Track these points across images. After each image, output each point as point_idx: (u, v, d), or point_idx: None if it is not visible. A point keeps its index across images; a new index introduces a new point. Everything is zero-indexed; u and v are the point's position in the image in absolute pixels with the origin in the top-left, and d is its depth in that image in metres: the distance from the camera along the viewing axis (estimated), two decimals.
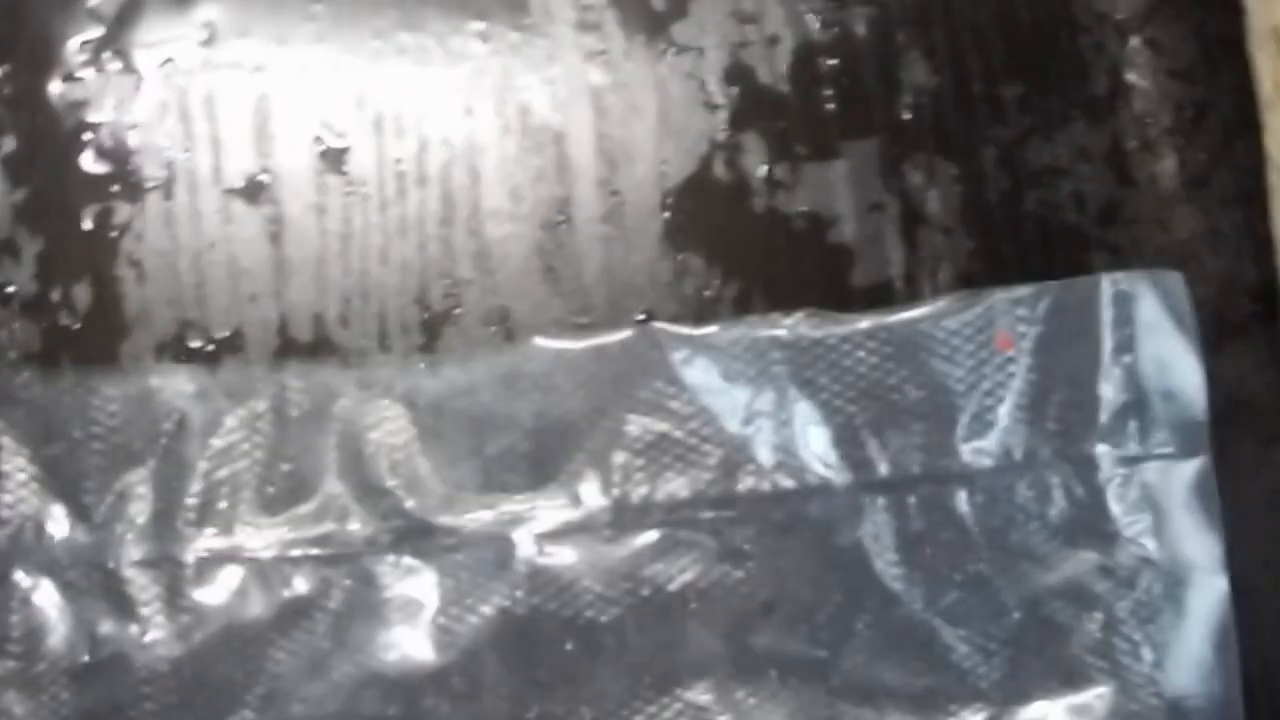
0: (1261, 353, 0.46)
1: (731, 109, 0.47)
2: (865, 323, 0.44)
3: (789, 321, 0.44)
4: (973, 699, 0.41)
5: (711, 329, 0.44)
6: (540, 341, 0.44)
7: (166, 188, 0.46)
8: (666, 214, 0.46)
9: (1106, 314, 0.44)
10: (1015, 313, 0.44)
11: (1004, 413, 0.43)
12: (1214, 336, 0.46)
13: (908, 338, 0.44)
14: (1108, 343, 0.44)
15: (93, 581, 0.42)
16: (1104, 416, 0.43)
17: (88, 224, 0.45)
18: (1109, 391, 0.43)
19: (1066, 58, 0.48)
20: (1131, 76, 0.48)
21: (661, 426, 0.43)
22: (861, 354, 0.44)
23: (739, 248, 0.46)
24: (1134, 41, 0.48)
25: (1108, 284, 0.44)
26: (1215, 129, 0.48)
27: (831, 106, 0.47)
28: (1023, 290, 0.44)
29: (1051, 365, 0.43)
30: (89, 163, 0.46)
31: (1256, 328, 0.46)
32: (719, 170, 0.47)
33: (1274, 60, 0.46)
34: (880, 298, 0.46)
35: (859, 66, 0.48)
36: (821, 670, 0.41)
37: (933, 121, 0.47)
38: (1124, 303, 0.44)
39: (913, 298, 0.46)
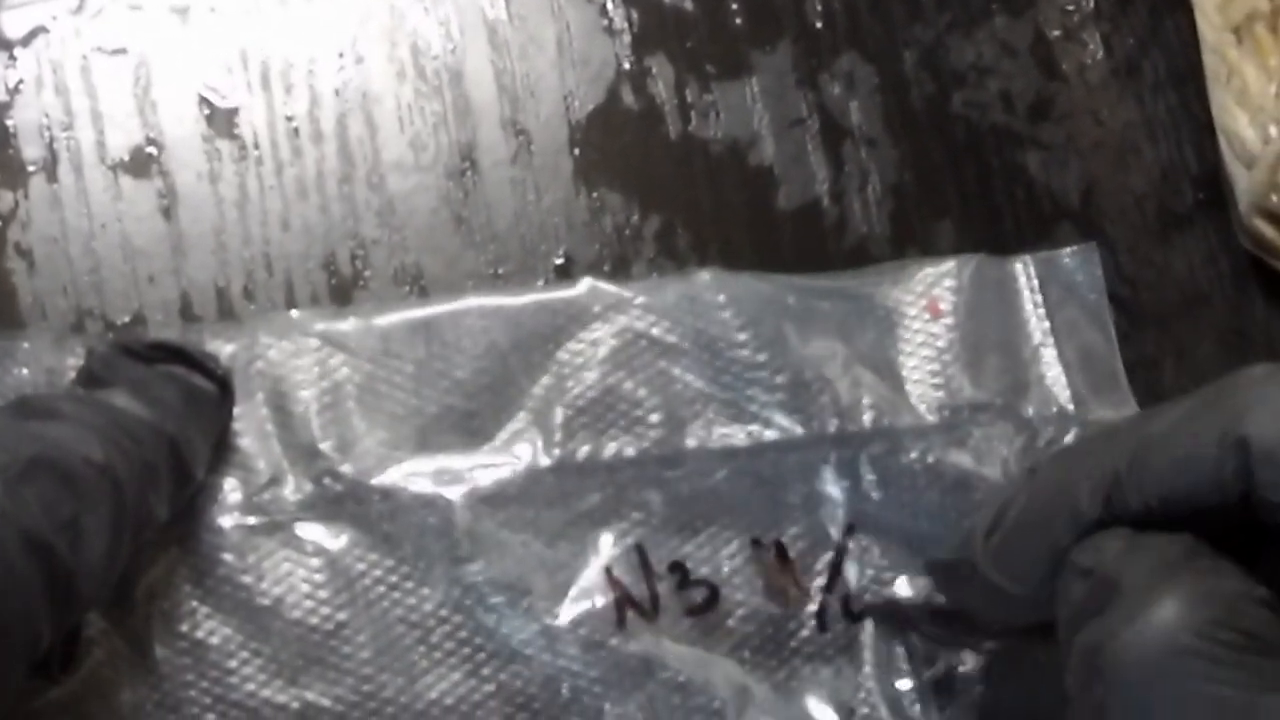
0: (1211, 243, 0.44)
1: (634, 32, 0.45)
2: (809, 282, 0.42)
3: (733, 281, 0.42)
4: None
5: (655, 294, 0.42)
6: (476, 299, 0.42)
7: (49, 169, 0.43)
8: (577, 150, 0.44)
9: (1025, 289, 0.43)
10: (943, 284, 0.42)
11: (945, 374, 0.42)
12: (1160, 229, 0.44)
13: (854, 302, 0.42)
14: (1028, 313, 0.43)
15: None
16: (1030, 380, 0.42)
17: None
18: (1032, 358, 0.42)
19: None
20: None
21: (605, 383, 0.41)
22: (810, 312, 0.42)
23: (656, 179, 0.44)
24: None
25: (1022, 265, 0.43)
26: (1141, 11, 0.45)
27: (739, 21, 0.45)
28: (948, 263, 0.43)
29: (980, 332, 0.42)
30: None
31: (1203, 217, 0.44)
32: (627, 99, 0.44)
33: None
34: (809, 219, 0.44)
35: None
36: None
37: (847, 26, 0.45)
38: (1040, 279, 0.43)
39: (842, 216, 0.44)
